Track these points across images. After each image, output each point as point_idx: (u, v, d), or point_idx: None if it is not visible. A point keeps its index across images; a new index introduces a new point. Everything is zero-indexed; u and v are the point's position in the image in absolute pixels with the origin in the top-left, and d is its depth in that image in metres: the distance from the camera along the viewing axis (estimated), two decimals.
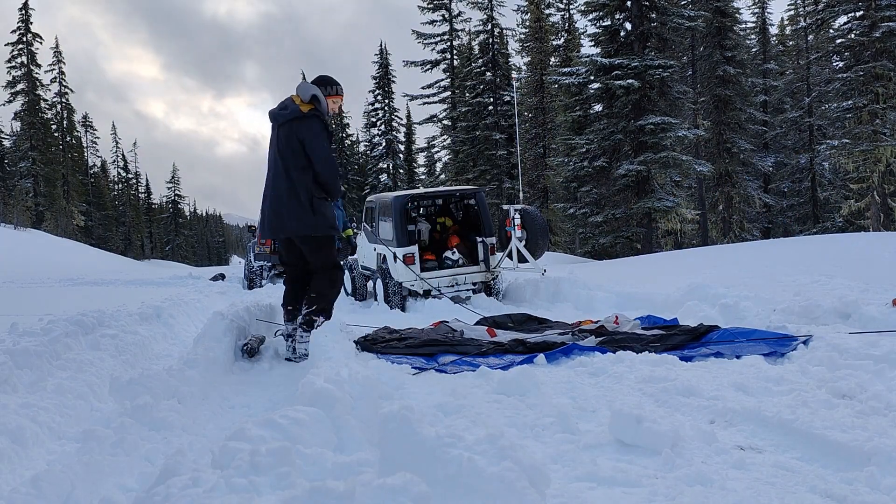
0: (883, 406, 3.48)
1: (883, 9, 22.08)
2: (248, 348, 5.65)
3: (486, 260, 9.73)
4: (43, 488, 2.52)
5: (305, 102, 5.40)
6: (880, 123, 22.19)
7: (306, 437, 2.73)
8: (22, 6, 45.72)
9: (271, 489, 2.20)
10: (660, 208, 20.46)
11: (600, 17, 22.45)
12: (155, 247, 69.95)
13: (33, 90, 45.99)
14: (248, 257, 14.23)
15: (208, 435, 3.57)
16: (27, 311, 7.95)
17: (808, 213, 31.67)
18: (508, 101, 32.27)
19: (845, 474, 2.75)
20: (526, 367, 4.60)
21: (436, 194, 10.87)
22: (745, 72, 29.08)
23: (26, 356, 4.14)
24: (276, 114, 5.49)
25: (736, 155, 27.89)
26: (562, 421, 3.48)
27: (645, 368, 4.53)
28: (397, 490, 2.03)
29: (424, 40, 37.92)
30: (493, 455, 2.32)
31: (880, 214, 23.26)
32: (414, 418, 2.57)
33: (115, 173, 67.42)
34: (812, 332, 5.17)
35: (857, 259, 8.95)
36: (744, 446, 3.14)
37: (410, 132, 47.55)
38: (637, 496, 2.63)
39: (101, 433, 3.12)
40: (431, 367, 5.11)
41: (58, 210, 45.31)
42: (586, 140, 22.20)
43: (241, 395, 4.54)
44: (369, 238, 10.74)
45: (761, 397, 3.87)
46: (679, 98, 21.95)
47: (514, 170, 30.69)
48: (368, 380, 3.61)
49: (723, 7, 28.00)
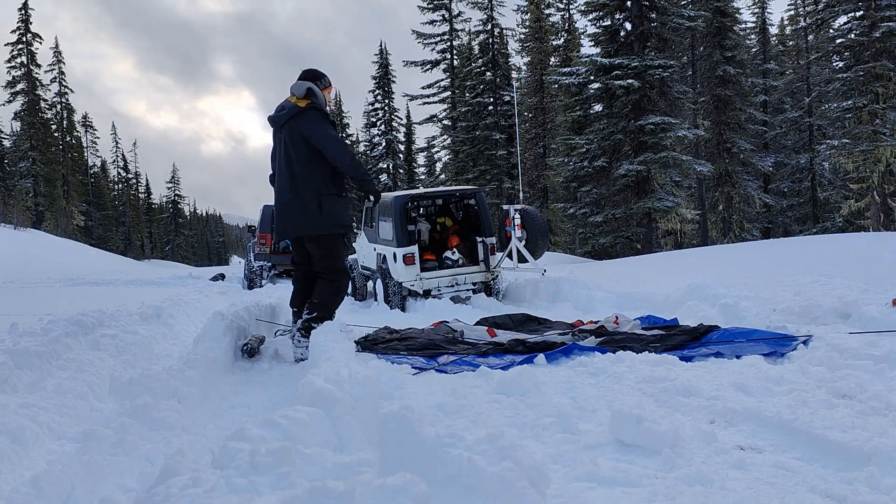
0: (883, 406, 3.48)
1: (883, 9, 22.08)
2: (248, 348, 5.65)
3: (486, 260, 9.73)
4: (43, 488, 2.51)
5: (301, 98, 5.41)
6: (880, 123, 22.19)
7: (306, 437, 2.73)
8: (22, 6, 45.74)
9: (271, 489, 2.20)
10: (660, 208, 20.46)
11: (600, 17, 22.47)
12: (155, 247, 69.98)
13: (33, 90, 46.01)
14: (248, 257, 14.24)
15: (208, 435, 3.57)
16: (27, 311, 7.95)
17: (808, 213, 31.68)
18: (508, 101, 32.27)
19: (845, 474, 2.75)
20: (526, 367, 4.60)
21: (436, 194, 10.87)
22: (745, 72, 29.09)
23: (26, 356, 4.14)
24: (275, 117, 5.50)
25: (736, 155, 27.90)
26: (562, 421, 3.48)
27: (645, 368, 4.52)
28: (397, 490, 2.03)
29: (424, 40, 37.94)
30: (493, 455, 2.32)
31: (880, 214, 23.27)
32: (414, 418, 2.57)
33: (115, 173, 67.49)
34: (812, 332, 5.16)
35: (857, 259, 8.95)
36: (744, 446, 3.13)
37: (410, 132, 47.57)
38: (637, 496, 2.63)
39: (101, 433, 3.12)
40: (431, 368, 5.11)
41: (58, 210, 45.32)
42: (586, 140, 22.21)
43: (241, 395, 4.54)
44: (369, 238, 10.75)
45: (761, 397, 3.87)
46: (679, 98, 21.96)
47: (514, 170, 30.69)
48: (368, 380, 3.60)
49: (723, 7, 28.01)
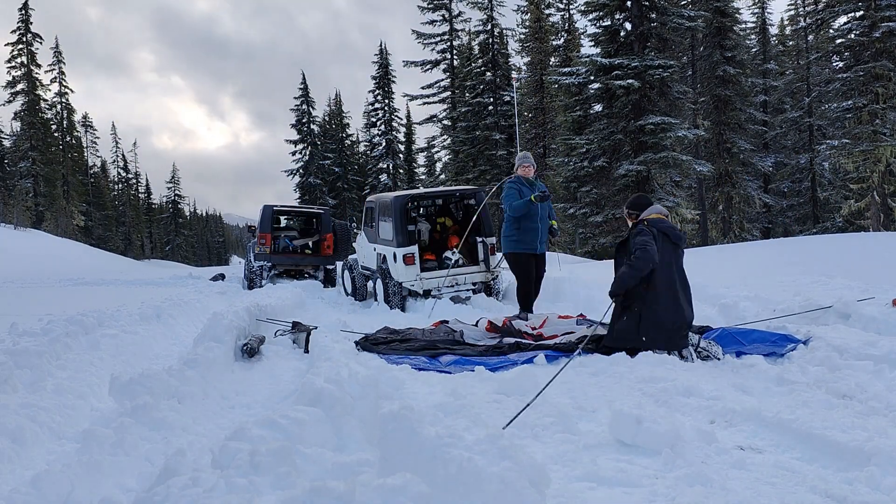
0: (883, 406, 3.49)
1: (883, 9, 22.07)
2: (248, 348, 5.65)
3: (486, 260, 9.73)
4: (43, 488, 2.52)
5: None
6: (880, 123, 22.19)
7: (306, 437, 2.73)
8: (22, 6, 45.72)
9: (271, 489, 2.20)
10: None
11: (600, 17, 22.46)
12: (155, 247, 69.95)
13: (33, 90, 45.97)
14: (248, 257, 14.22)
15: (208, 435, 3.57)
16: (27, 311, 7.95)
17: (808, 213, 31.66)
18: (508, 101, 32.27)
19: (845, 474, 2.75)
20: (526, 367, 4.60)
21: (436, 194, 10.87)
22: (745, 72, 29.08)
23: (26, 356, 4.14)
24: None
25: (736, 155, 27.89)
26: (562, 421, 3.48)
27: (645, 368, 4.52)
28: (397, 490, 2.03)
29: (424, 40, 37.94)
30: (493, 455, 2.32)
31: (880, 214, 23.26)
32: (414, 418, 2.57)
33: (115, 173, 67.47)
34: (812, 332, 5.17)
35: (857, 259, 8.95)
36: (744, 446, 3.14)
37: (410, 132, 47.58)
38: (637, 496, 2.63)
39: (101, 433, 3.11)
40: (432, 368, 5.11)
41: (58, 210, 45.32)
42: (586, 140, 22.21)
43: (241, 395, 4.54)
44: (369, 238, 10.74)
45: (761, 397, 3.87)
46: (679, 98, 21.96)
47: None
48: (368, 380, 3.61)
49: (723, 7, 28.00)
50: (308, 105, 46.22)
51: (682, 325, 5.07)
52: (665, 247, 5.16)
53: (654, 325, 5.03)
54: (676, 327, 5.05)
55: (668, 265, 5.14)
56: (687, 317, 5.14)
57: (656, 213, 5.38)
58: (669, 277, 5.12)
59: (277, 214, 14.66)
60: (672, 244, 5.23)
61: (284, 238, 14.19)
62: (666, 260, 5.12)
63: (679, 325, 5.06)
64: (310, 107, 46.26)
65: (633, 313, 5.12)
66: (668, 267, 5.14)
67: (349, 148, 49.76)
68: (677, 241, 5.28)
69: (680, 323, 5.07)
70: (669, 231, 5.26)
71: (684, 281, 5.26)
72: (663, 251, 5.13)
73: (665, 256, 5.13)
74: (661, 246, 5.13)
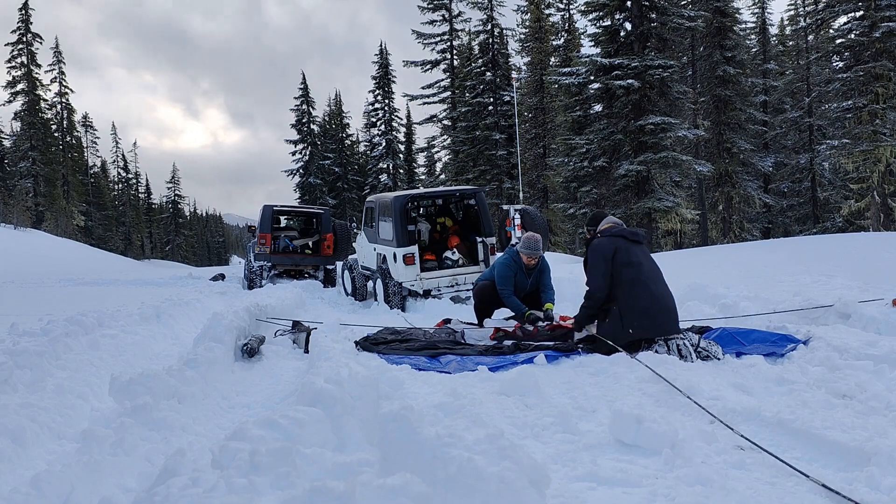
0: (883, 406, 3.48)
1: (883, 9, 22.07)
2: (248, 348, 5.66)
3: (486, 260, 9.73)
4: (43, 488, 2.52)
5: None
6: (880, 123, 22.18)
7: (306, 437, 2.73)
8: (22, 6, 45.73)
9: (271, 489, 2.20)
10: (660, 208, 20.46)
11: (600, 17, 22.45)
12: (155, 247, 69.94)
13: (33, 90, 45.97)
14: (248, 257, 14.23)
15: (208, 435, 3.57)
16: (27, 311, 7.95)
17: (808, 213, 31.65)
18: (508, 101, 32.27)
19: (845, 474, 2.75)
20: (526, 367, 4.60)
21: (436, 194, 10.88)
22: (745, 72, 29.08)
23: (26, 356, 4.14)
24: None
25: (736, 155, 27.89)
26: (562, 421, 3.48)
27: (645, 368, 4.52)
28: (397, 490, 2.03)
29: (424, 40, 37.92)
30: (493, 455, 2.32)
31: (880, 214, 23.25)
32: (414, 418, 2.57)
33: (115, 173, 67.47)
34: (812, 332, 5.17)
35: (857, 259, 8.95)
36: (744, 446, 3.13)
37: (410, 132, 47.59)
38: (637, 496, 2.63)
39: (101, 433, 3.11)
40: (432, 368, 5.12)
41: (58, 210, 45.32)
42: (586, 140, 22.21)
43: (241, 395, 4.54)
44: (369, 238, 10.74)
45: (761, 397, 3.87)
46: (679, 98, 21.95)
47: (514, 170, 30.69)
48: (368, 380, 3.60)
49: (723, 7, 28.01)
50: (308, 105, 46.23)
51: (664, 306, 5.28)
52: (625, 247, 5.48)
53: (638, 314, 5.21)
54: (659, 308, 5.24)
55: (632, 264, 5.41)
56: (667, 298, 5.37)
57: (609, 223, 5.77)
58: (636, 271, 5.38)
59: (277, 214, 14.67)
60: (630, 242, 5.55)
61: (284, 238, 14.20)
62: (628, 260, 5.42)
63: (661, 307, 5.26)
64: (310, 107, 46.28)
65: (612, 313, 5.34)
66: (636, 264, 5.42)
67: (349, 148, 49.76)
68: (635, 239, 5.61)
69: (661, 305, 5.27)
70: (625, 233, 5.62)
71: (655, 270, 5.55)
72: (626, 251, 5.45)
73: (628, 256, 5.43)
74: (621, 247, 5.46)
